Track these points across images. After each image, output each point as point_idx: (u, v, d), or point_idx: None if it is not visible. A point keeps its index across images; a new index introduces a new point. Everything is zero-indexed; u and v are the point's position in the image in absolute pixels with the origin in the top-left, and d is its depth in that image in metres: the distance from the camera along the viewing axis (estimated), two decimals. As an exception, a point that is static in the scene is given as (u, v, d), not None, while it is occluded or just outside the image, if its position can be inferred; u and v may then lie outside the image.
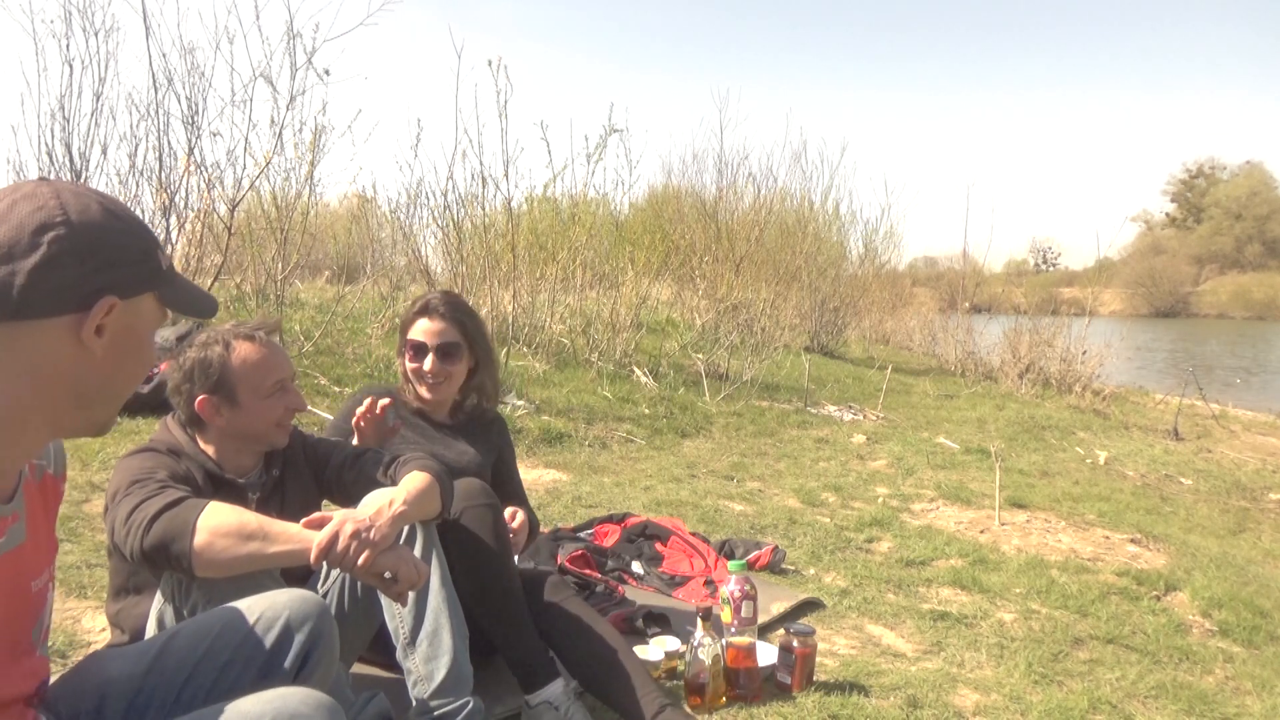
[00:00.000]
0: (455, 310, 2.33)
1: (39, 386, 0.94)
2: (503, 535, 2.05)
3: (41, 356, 0.93)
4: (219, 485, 1.72)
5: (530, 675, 1.96)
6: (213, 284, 5.83)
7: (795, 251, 12.23)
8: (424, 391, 2.32)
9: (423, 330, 2.30)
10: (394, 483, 1.73)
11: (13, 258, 0.90)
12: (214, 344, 1.74)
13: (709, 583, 3.02)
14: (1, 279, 0.89)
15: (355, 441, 2.07)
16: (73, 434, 1.04)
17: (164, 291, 1.02)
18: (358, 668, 2.03)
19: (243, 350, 1.74)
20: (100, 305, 0.94)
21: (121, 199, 5.52)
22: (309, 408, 4.85)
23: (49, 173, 5.28)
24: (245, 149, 5.68)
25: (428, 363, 2.29)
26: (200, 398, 1.72)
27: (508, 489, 2.44)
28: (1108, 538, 4.19)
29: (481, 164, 6.57)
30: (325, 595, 1.81)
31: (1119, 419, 9.27)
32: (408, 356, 2.32)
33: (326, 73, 5.65)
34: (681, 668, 2.25)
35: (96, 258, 0.94)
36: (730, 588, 2.22)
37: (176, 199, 5.67)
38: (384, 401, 2.09)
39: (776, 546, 3.39)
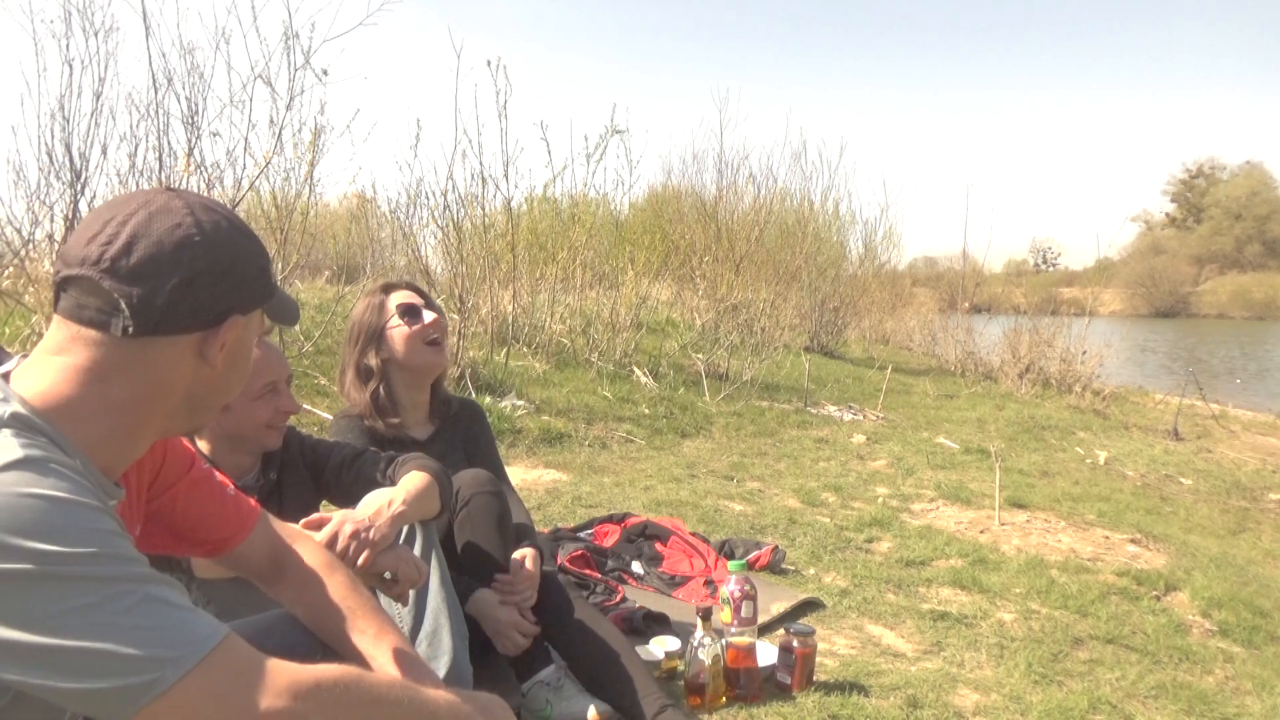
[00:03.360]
0: (410, 284, 2.33)
1: (159, 398, 0.96)
2: (506, 525, 2.08)
3: (167, 370, 0.95)
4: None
5: (528, 666, 1.99)
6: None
7: (795, 251, 12.22)
8: (432, 357, 2.23)
9: (402, 297, 2.24)
10: (393, 483, 1.73)
11: (154, 276, 0.91)
12: None
13: (709, 583, 3.02)
14: (144, 296, 0.91)
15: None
16: (174, 434, 1.10)
17: (271, 304, 1.05)
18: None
19: None
20: (228, 324, 0.97)
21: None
22: (306, 408, 4.85)
23: (48, 172, 5.27)
24: (245, 149, 5.67)
25: (427, 315, 2.22)
26: None
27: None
28: (1108, 538, 4.18)
29: (481, 164, 6.55)
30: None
31: (1119, 419, 9.27)
32: (405, 323, 2.20)
33: (324, 73, 5.65)
34: (681, 668, 2.25)
35: (229, 277, 0.96)
36: (730, 588, 2.22)
37: (176, 199, 5.66)
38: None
39: (776, 546, 3.39)
